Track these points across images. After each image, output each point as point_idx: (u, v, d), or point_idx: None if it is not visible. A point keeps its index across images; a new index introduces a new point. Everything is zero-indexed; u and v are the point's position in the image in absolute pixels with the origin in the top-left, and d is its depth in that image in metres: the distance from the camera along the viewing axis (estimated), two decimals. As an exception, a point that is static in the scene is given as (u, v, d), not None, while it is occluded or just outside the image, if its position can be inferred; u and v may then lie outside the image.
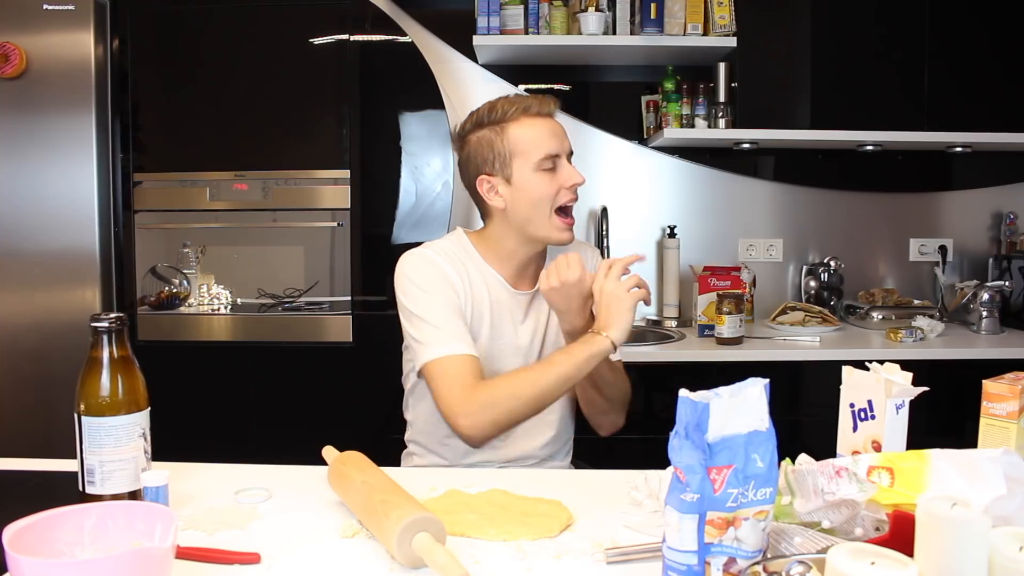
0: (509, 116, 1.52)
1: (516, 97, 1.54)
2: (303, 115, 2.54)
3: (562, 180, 1.52)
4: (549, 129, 1.53)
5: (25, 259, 2.43)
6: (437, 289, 1.50)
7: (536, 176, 1.51)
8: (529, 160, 1.50)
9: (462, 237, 1.61)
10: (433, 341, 1.46)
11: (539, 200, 1.51)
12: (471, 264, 1.56)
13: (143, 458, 1.08)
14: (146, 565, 0.77)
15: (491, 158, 1.52)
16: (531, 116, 1.52)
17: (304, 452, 1.33)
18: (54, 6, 2.38)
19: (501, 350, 1.56)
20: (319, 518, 1.12)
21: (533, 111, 1.53)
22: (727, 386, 0.82)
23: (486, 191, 1.54)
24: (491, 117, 1.53)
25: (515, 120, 1.52)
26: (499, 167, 1.52)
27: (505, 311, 1.57)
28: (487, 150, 1.52)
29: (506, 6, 2.67)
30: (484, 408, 1.40)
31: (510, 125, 1.52)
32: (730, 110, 2.73)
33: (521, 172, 1.51)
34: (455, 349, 1.45)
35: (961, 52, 2.64)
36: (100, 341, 1.06)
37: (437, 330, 1.47)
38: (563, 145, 1.54)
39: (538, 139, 1.51)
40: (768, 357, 2.43)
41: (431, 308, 1.48)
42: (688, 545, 0.80)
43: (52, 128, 2.41)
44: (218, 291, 2.58)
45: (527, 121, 1.52)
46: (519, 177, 1.51)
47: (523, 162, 1.51)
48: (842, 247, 2.99)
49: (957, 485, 0.82)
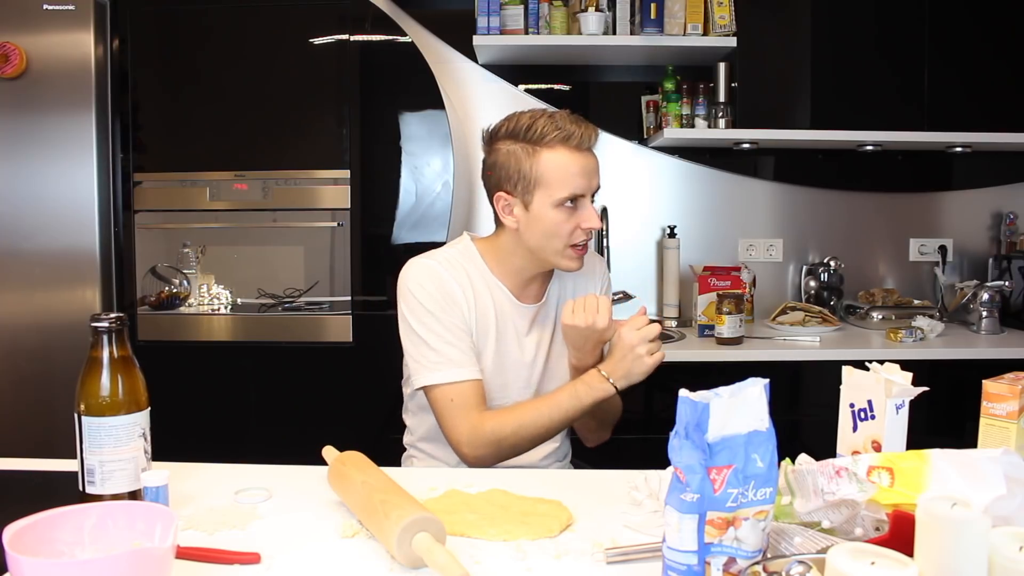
0: (547, 141, 1.43)
1: (560, 120, 1.44)
2: (303, 115, 2.54)
3: (579, 221, 1.46)
4: (582, 166, 1.44)
5: (25, 259, 2.43)
6: (441, 308, 1.47)
7: (554, 212, 1.44)
8: (552, 195, 1.44)
9: (469, 246, 1.57)
10: (435, 366, 1.45)
11: (553, 235, 1.46)
12: (477, 276, 1.54)
13: (143, 458, 1.08)
14: (146, 565, 0.77)
15: (515, 178, 1.45)
16: (569, 148, 1.44)
17: (304, 452, 1.33)
18: (54, 6, 2.38)
19: (506, 363, 1.54)
20: (319, 518, 1.12)
21: (573, 143, 1.44)
22: (727, 386, 0.82)
23: (501, 207, 1.50)
24: (528, 135, 1.44)
25: (551, 147, 1.43)
26: (520, 190, 1.46)
27: (509, 324, 1.55)
28: (513, 167, 1.45)
29: (506, 6, 2.67)
30: (490, 444, 1.42)
31: (544, 151, 1.44)
32: (730, 110, 2.73)
33: (541, 203, 1.45)
34: (458, 375, 1.45)
35: (961, 52, 2.64)
36: (100, 341, 1.06)
37: (438, 354, 1.46)
38: (591, 184, 1.47)
39: (567, 176, 1.43)
40: (768, 357, 2.43)
41: (434, 329, 1.46)
42: (688, 545, 0.80)
43: (52, 128, 2.41)
44: (218, 291, 2.58)
45: (563, 152, 1.44)
46: (537, 208, 1.45)
47: (545, 195, 1.44)
48: (842, 247, 2.99)
49: (957, 485, 0.82)
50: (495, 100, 2.93)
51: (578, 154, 1.44)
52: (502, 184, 1.48)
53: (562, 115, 1.46)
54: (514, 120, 1.47)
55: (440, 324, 1.47)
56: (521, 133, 1.45)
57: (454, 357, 1.46)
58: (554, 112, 1.47)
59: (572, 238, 1.47)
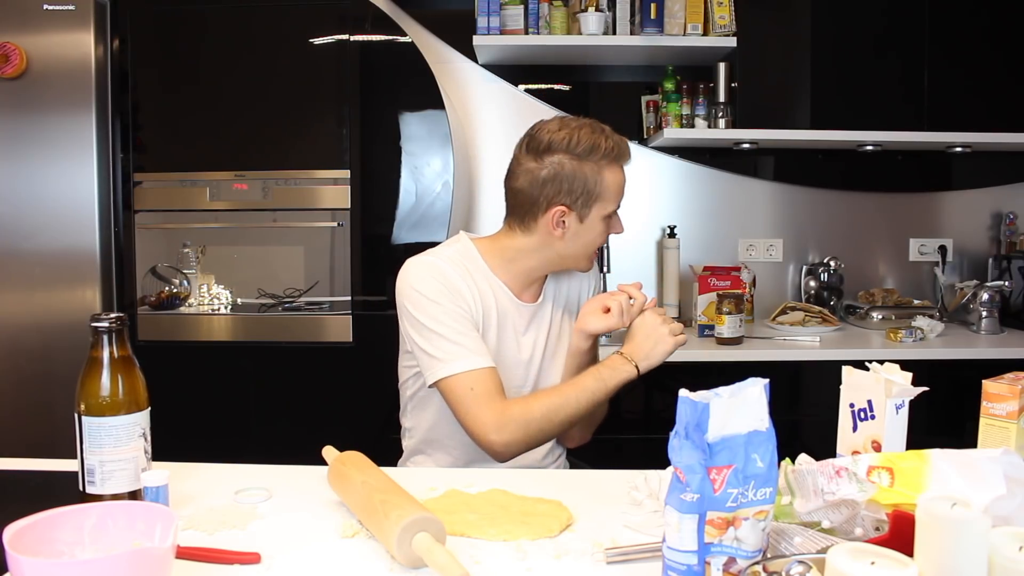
0: (610, 157, 1.50)
1: (613, 138, 1.51)
2: (303, 115, 2.54)
3: (613, 228, 1.55)
4: (624, 180, 1.54)
5: (25, 259, 2.43)
6: (448, 299, 1.47)
7: (602, 223, 1.52)
8: (606, 208, 1.51)
9: (468, 245, 1.57)
10: (451, 356, 1.44)
11: (592, 244, 1.54)
12: (477, 273, 1.54)
13: (143, 458, 1.08)
14: (146, 565, 0.77)
15: (577, 192, 1.48)
16: (622, 164, 1.53)
17: (304, 452, 1.33)
18: (54, 6, 2.38)
19: (503, 362, 1.54)
20: (319, 518, 1.12)
21: (624, 160, 1.53)
22: (727, 386, 0.82)
23: (554, 220, 1.50)
24: (592, 155, 1.48)
25: (610, 166, 1.50)
26: (580, 204, 1.49)
27: (508, 322, 1.56)
28: (577, 183, 1.48)
29: (506, 6, 2.67)
30: (520, 426, 1.41)
31: (607, 167, 1.50)
32: (730, 110, 2.73)
33: (595, 216, 1.51)
34: (476, 363, 1.44)
35: (961, 52, 2.64)
36: (100, 341, 1.06)
37: (454, 344, 1.44)
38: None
39: (620, 191, 1.52)
40: (768, 357, 2.43)
41: (444, 320, 1.45)
42: (688, 545, 0.80)
43: (52, 128, 2.41)
44: (218, 291, 2.58)
45: (618, 169, 1.52)
46: (591, 220, 1.51)
47: (601, 208, 1.50)
48: (842, 247, 2.99)
49: (957, 485, 0.82)
50: (495, 100, 2.93)
51: (623, 170, 1.54)
52: (560, 198, 1.49)
53: (608, 130, 1.53)
54: (574, 137, 1.48)
55: (449, 315, 1.46)
56: (586, 153, 1.48)
57: (469, 346, 1.45)
58: (602, 127, 1.53)
59: (599, 243, 1.56)
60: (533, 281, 1.59)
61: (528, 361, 1.57)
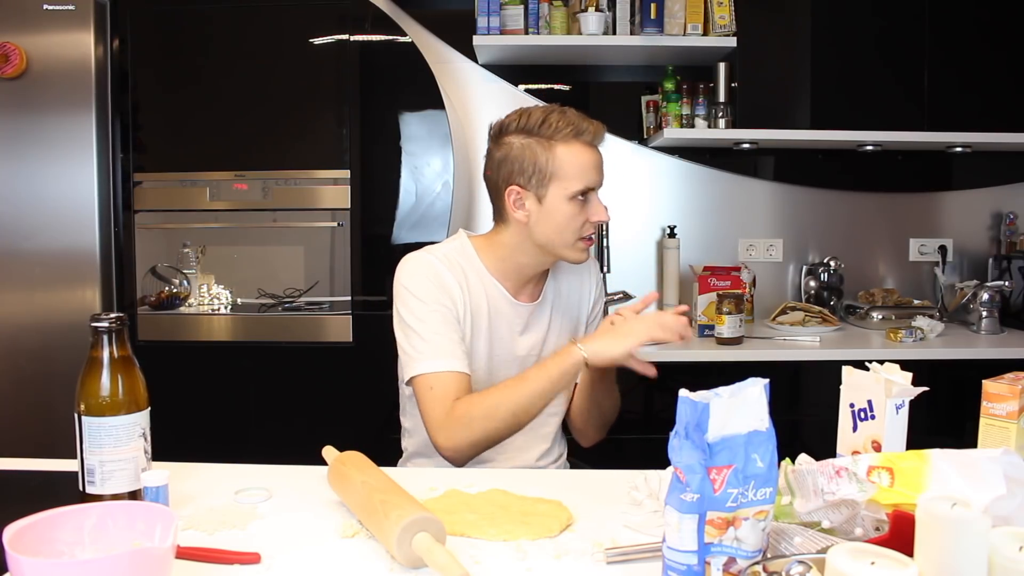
0: (560, 136, 1.46)
1: (571, 116, 1.48)
2: (303, 115, 2.54)
3: (590, 214, 1.50)
4: (594, 160, 1.49)
5: (25, 259, 2.44)
6: (435, 299, 1.47)
7: (567, 204, 1.47)
8: (567, 188, 1.47)
9: (465, 243, 1.57)
10: (423, 355, 1.44)
11: (565, 228, 1.49)
12: (472, 272, 1.53)
13: (143, 458, 1.08)
14: (146, 565, 0.77)
15: (529, 171, 1.47)
16: (582, 143, 1.48)
17: (304, 452, 1.33)
18: (54, 6, 2.38)
19: (500, 360, 1.54)
20: (319, 518, 1.12)
21: (585, 138, 1.48)
22: (727, 386, 0.82)
23: (512, 201, 1.49)
24: (541, 130, 1.46)
25: (565, 142, 1.47)
26: (535, 183, 1.47)
27: (504, 322, 1.55)
28: (528, 162, 1.47)
29: (506, 6, 2.67)
30: (462, 426, 1.38)
31: (559, 145, 1.46)
32: (730, 110, 2.73)
33: (555, 196, 1.47)
34: (444, 365, 1.43)
35: (961, 52, 2.64)
36: (100, 341, 1.06)
37: (428, 344, 1.44)
38: (600, 179, 1.51)
39: (582, 169, 1.47)
40: (768, 357, 2.43)
41: (425, 319, 1.45)
42: (688, 545, 0.80)
43: (52, 128, 2.41)
44: (218, 291, 2.58)
45: (577, 147, 1.47)
46: (551, 201, 1.47)
47: (560, 187, 1.47)
48: (842, 247, 2.99)
49: (957, 485, 0.82)
50: (495, 100, 2.93)
51: (590, 149, 1.49)
52: (514, 178, 1.49)
53: (572, 111, 1.49)
54: (526, 115, 1.49)
55: (432, 314, 1.46)
56: (535, 128, 1.47)
57: (443, 346, 1.44)
58: (564, 108, 1.50)
59: (583, 230, 1.50)
60: (528, 280, 1.58)
61: (524, 358, 1.57)
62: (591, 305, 1.68)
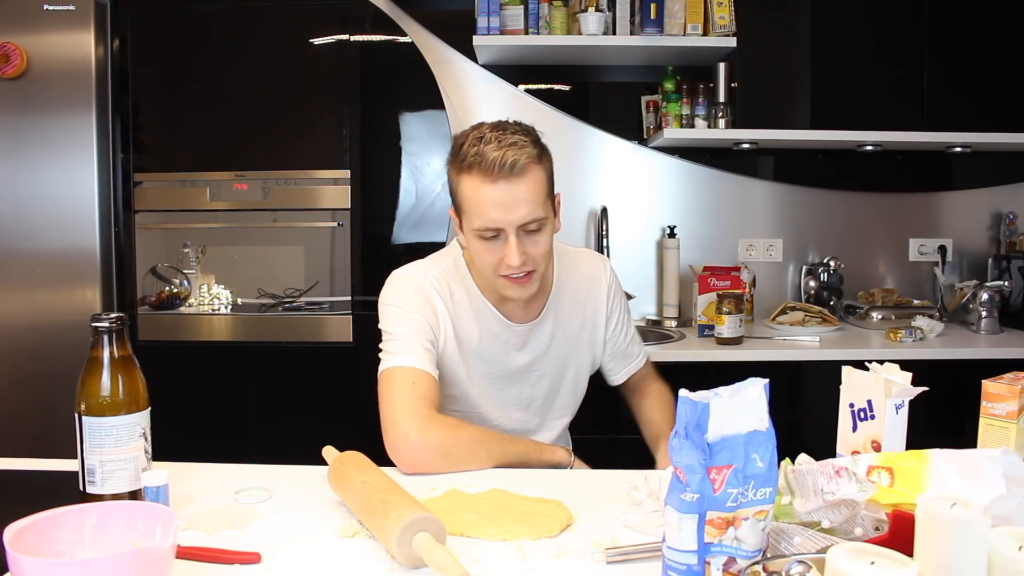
0: (465, 164, 1.34)
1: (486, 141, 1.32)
2: (303, 115, 2.54)
3: (501, 254, 1.37)
4: (495, 198, 1.32)
5: (25, 259, 2.44)
6: (416, 310, 1.44)
7: (476, 242, 1.38)
8: (471, 224, 1.37)
9: (459, 260, 1.51)
10: (398, 350, 1.41)
11: (481, 263, 1.42)
12: (461, 293, 1.49)
13: (143, 458, 1.08)
14: (146, 565, 0.77)
15: (453, 197, 1.42)
16: (483, 175, 1.32)
17: (304, 452, 1.33)
18: (54, 6, 2.38)
19: (496, 374, 1.52)
20: (319, 518, 1.12)
21: (484, 169, 1.31)
22: (727, 386, 0.82)
23: (456, 225, 1.45)
24: (456, 153, 1.36)
25: (469, 172, 1.34)
26: (458, 211, 1.42)
27: (499, 342, 1.51)
28: (451, 186, 1.41)
29: (506, 6, 2.67)
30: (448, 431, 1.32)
31: (464, 175, 1.35)
32: (730, 110, 2.73)
33: (466, 230, 1.40)
34: (414, 363, 1.39)
35: (960, 52, 2.64)
36: (100, 341, 1.06)
37: (401, 342, 1.41)
38: (509, 218, 1.33)
39: (480, 207, 1.34)
40: (768, 357, 2.43)
41: (402, 321, 1.43)
42: (688, 545, 0.80)
43: (52, 128, 2.41)
44: (218, 291, 2.58)
45: (479, 180, 1.33)
46: (466, 233, 1.41)
47: (467, 221, 1.38)
48: (842, 247, 2.99)
49: (957, 485, 0.82)
50: (495, 100, 2.93)
51: (491, 184, 1.32)
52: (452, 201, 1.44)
53: (495, 135, 1.33)
54: (462, 135, 1.38)
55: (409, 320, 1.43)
56: (455, 150, 1.37)
57: (415, 347, 1.41)
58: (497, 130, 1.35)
59: (499, 269, 1.39)
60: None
61: (526, 368, 1.54)
62: (605, 322, 1.61)
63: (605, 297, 1.60)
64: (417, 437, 1.30)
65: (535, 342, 1.54)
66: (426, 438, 1.30)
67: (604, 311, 1.60)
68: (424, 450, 1.29)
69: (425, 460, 1.30)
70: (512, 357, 1.53)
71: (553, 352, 1.56)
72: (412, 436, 1.30)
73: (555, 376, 1.57)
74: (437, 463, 1.30)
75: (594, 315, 1.59)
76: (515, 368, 1.54)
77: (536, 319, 1.53)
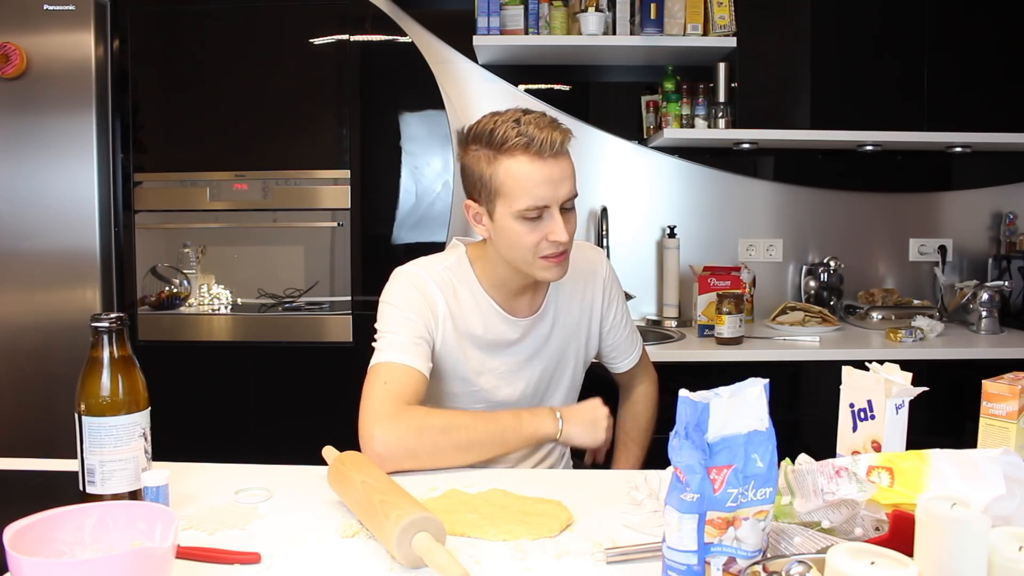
0: (507, 147, 1.34)
1: (525, 124, 1.34)
2: (303, 115, 2.54)
3: (546, 232, 1.36)
4: (545, 175, 1.34)
5: (25, 259, 2.44)
6: (414, 310, 1.43)
7: (516, 223, 1.36)
8: (512, 206, 1.35)
9: (462, 256, 1.51)
10: (385, 347, 1.40)
11: (517, 247, 1.39)
12: (464, 289, 1.48)
13: (143, 458, 1.08)
14: (146, 565, 0.77)
15: (479, 185, 1.38)
16: (531, 155, 1.33)
17: (304, 452, 1.33)
18: (54, 6, 2.38)
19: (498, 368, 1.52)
20: (319, 518, 1.12)
21: (534, 149, 1.33)
22: (727, 386, 0.82)
23: (472, 216, 1.43)
24: (491, 139, 1.35)
25: (511, 154, 1.34)
26: (484, 198, 1.39)
27: (501, 338, 1.51)
28: (477, 174, 1.38)
29: (506, 6, 2.67)
30: (409, 431, 1.29)
31: (504, 158, 1.34)
32: (730, 110, 2.73)
33: (502, 214, 1.37)
34: (403, 360, 1.38)
35: (961, 52, 2.64)
36: (100, 341, 1.06)
37: (385, 338, 1.41)
38: (557, 194, 1.35)
39: (528, 186, 1.33)
40: (768, 357, 2.43)
41: (396, 320, 1.42)
42: (688, 545, 0.80)
43: (52, 128, 2.41)
44: (218, 291, 2.58)
45: (524, 160, 1.33)
46: (500, 218, 1.38)
47: (506, 205, 1.36)
48: (842, 247, 2.99)
49: (957, 485, 0.82)
50: (495, 100, 2.93)
51: (541, 162, 1.34)
52: (470, 191, 1.42)
53: (531, 118, 1.36)
54: (483, 122, 1.38)
55: (404, 319, 1.43)
56: (485, 137, 1.36)
57: (406, 344, 1.40)
58: (525, 114, 1.37)
59: (539, 250, 1.38)
60: (521, 292, 1.51)
61: (528, 360, 1.55)
62: (600, 318, 1.61)
63: (602, 289, 1.61)
64: (382, 438, 1.28)
65: (536, 335, 1.55)
66: (389, 439, 1.28)
67: (601, 303, 1.61)
68: (388, 452, 1.28)
69: (392, 462, 1.28)
70: (514, 351, 1.53)
71: (553, 343, 1.56)
72: (377, 437, 1.29)
73: (555, 367, 1.58)
74: (406, 463, 1.29)
75: (591, 306, 1.60)
76: (517, 361, 1.54)
77: (537, 312, 1.54)
